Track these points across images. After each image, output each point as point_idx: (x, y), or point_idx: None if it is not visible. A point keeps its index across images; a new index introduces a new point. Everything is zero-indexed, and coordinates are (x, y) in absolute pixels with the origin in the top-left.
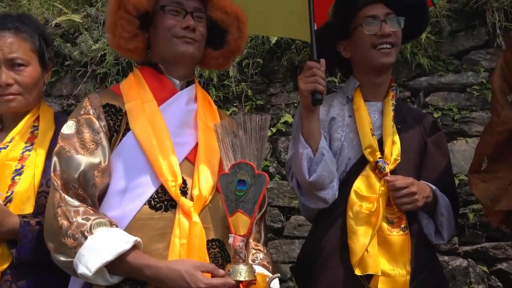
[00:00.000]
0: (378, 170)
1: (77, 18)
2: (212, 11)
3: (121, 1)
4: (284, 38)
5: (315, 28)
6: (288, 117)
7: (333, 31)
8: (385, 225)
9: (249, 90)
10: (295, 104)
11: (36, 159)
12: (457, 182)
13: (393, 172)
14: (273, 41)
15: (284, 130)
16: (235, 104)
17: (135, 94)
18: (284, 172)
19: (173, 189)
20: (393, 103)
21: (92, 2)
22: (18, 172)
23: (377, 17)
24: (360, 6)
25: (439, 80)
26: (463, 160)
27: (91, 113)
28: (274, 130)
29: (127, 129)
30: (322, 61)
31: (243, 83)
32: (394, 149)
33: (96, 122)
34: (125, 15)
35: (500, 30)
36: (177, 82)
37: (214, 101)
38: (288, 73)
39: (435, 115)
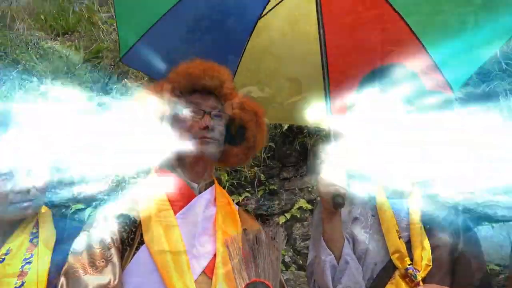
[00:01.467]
0: (408, 278)
1: None
2: (230, 109)
3: None
4: None
5: None
6: (302, 203)
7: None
8: None
9: (262, 175)
10: (309, 189)
11: (38, 274)
12: None
13: (424, 279)
14: (285, 126)
15: (299, 216)
16: (247, 189)
17: (151, 201)
18: (301, 262)
19: None
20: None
21: (107, 89)
22: None
23: None
24: None
25: None
26: (491, 247)
27: (104, 226)
28: (288, 216)
29: (141, 241)
30: None
31: (256, 168)
32: (424, 254)
33: (108, 236)
34: None
35: None
36: (196, 186)
37: (227, 187)
38: (301, 157)
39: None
